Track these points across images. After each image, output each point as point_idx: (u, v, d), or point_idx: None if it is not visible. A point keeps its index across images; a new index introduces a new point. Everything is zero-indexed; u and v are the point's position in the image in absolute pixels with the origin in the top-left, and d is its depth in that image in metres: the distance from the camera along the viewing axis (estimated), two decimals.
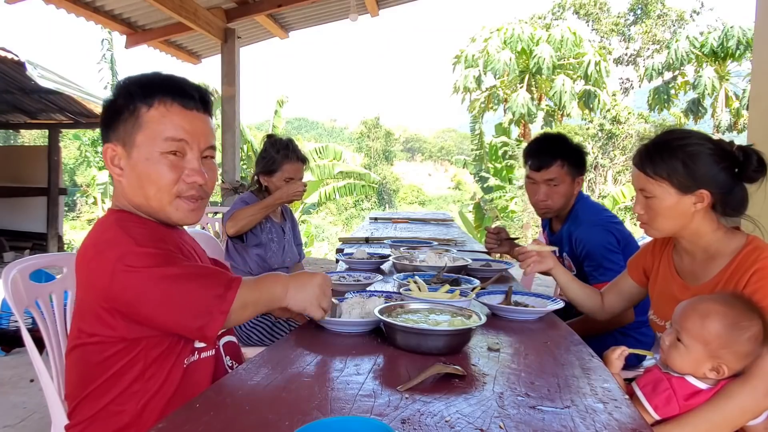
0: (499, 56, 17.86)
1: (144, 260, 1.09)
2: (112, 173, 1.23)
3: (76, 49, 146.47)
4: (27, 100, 7.75)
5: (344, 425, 0.78)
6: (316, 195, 12.43)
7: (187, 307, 1.09)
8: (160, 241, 1.15)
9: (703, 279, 1.42)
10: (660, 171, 1.39)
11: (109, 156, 1.21)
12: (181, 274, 1.11)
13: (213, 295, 1.10)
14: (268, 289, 1.22)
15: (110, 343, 1.14)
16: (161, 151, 1.18)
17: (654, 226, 1.44)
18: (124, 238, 1.12)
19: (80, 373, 1.19)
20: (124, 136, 1.19)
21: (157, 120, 1.18)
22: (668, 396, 1.21)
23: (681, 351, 1.23)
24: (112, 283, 1.09)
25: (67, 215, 20.39)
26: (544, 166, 2.19)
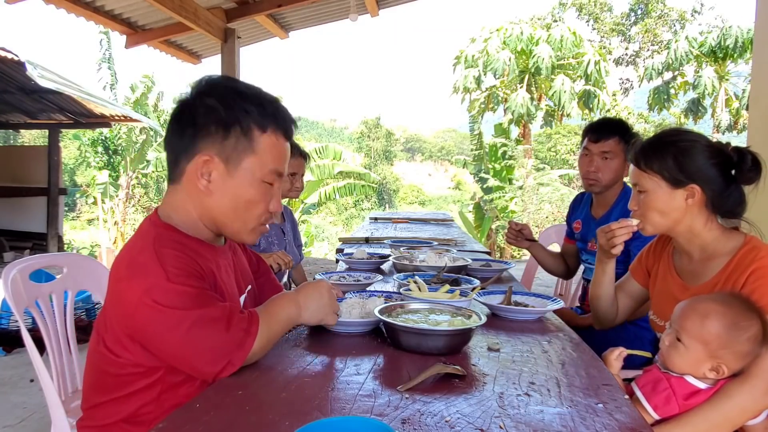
0: (499, 56, 17.87)
1: (171, 299, 1.06)
2: (195, 181, 1.16)
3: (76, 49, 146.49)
4: (27, 100, 7.75)
5: (344, 425, 0.78)
6: (316, 195, 12.44)
7: (205, 353, 1.07)
8: (192, 277, 1.11)
9: (702, 279, 1.42)
10: (651, 164, 1.41)
11: (201, 165, 1.15)
12: (205, 319, 1.07)
13: (233, 343, 1.09)
14: (283, 315, 1.21)
15: (128, 365, 1.13)
16: (263, 180, 1.19)
17: (647, 221, 1.46)
18: (156, 269, 1.07)
19: (96, 377, 1.19)
20: (230, 153, 1.15)
21: (268, 149, 1.18)
22: (668, 396, 1.21)
23: (680, 351, 1.23)
24: (135, 314, 1.07)
25: (67, 215, 20.40)
26: (603, 138, 2.25)
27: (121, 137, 12.75)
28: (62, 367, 1.69)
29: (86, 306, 4.12)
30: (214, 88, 1.19)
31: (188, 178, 1.18)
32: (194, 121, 1.16)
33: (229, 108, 1.15)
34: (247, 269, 1.44)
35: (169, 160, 1.22)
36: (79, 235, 18.60)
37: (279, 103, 1.23)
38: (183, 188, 1.19)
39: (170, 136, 1.20)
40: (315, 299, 1.26)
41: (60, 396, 1.59)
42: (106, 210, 12.01)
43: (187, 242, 1.18)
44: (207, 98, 1.17)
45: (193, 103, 1.18)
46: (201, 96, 1.18)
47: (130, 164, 12.47)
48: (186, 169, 1.17)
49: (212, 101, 1.16)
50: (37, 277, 1.67)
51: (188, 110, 1.18)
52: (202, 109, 1.16)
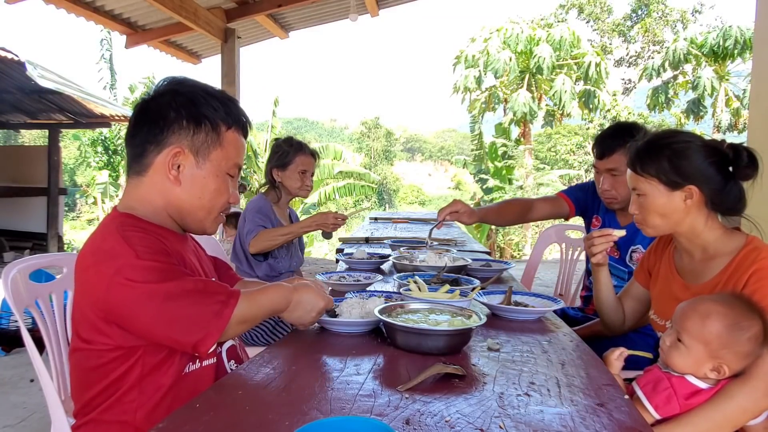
0: (499, 56, 17.86)
1: (142, 274, 1.08)
2: (164, 173, 1.22)
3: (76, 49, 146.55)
4: (27, 100, 7.75)
5: (344, 425, 0.78)
6: (316, 195, 12.43)
7: (182, 323, 1.09)
8: (161, 254, 1.14)
9: (703, 279, 1.43)
10: (648, 168, 1.41)
11: (171, 157, 1.21)
12: (179, 290, 1.10)
13: (210, 312, 1.10)
14: (268, 302, 1.24)
15: (106, 351, 1.14)
16: (226, 172, 1.27)
17: (648, 224, 1.46)
18: (124, 249, 1.10)
19: (79, 378, 1.20)
20: (200, 147, 1.23)
21: (232, 143, 1.27)
22: (668, 395, 1.21)
23: (681, 351, 1.23)
24: (109, 295, 1.09)
25: (67, 215, 20.41)
26: (606, 154, 2.12)
27: (121, 137, 12.75)
28: (62, 367, 1.69)
29: None
30: (183, 86, 1.26)
31: (156, 169, 1.23)
32: (164, 116, 1.22)
33: (199, 104, 1.23)
34: (207, 261, 1.44)
35: (134, 154, 1.26)
36: (79, 235, 18.59)
37: (238, 103, 1.32)
38: (149, 180, 1.24)
39: (136, 130, 1.25)
40: (304, 308, 1.30)
41: (60, 396, 1.59)
42: (106, 210, 12.00)
43: (150, 228, 1.21)
44: (177, 95, 1.24)
45: (161, 99, 1.24)
46: (171, 93, 1.24)
47: None
48: (154, 161, 1.22)
49: (182, 98, 1.23)
50: (37, 277, 1.67)
51: (157, 106, 1.24)
52: (173, 104, 1.23)
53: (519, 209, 2.48)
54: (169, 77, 1.29)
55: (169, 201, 1.24)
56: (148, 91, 1.30)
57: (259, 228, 2.50)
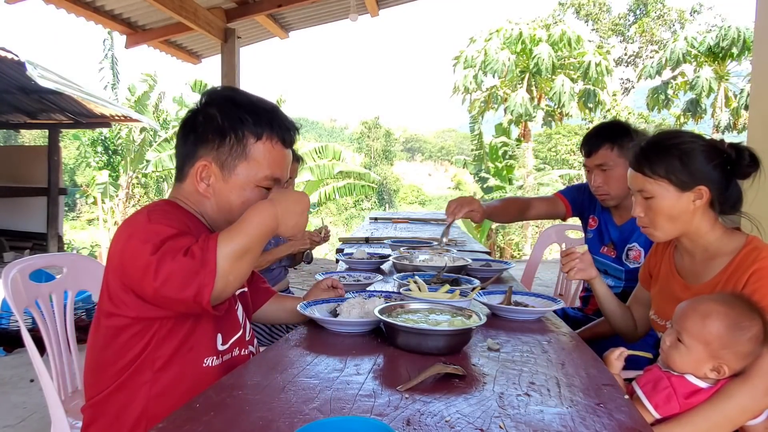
0: (499, 56, 17.87)
1: (148, 235, 1.09)
2: (196, 186, 1.25)
3: (76, 49, 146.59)
4: (27, 100, 7.75)
5: (344, 425, 0.78)
6: (316, 195, 12.43)
7: (174, 279, 1.06)
8: (175, 221, 1.15)
9: (704, 278, 1.43)
10: (658, 169, 1.39)
11: (200, 170, 1.24)
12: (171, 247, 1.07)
13: (196, 263, 1.05)
14: (253, 226, 1.12)
15: (125, 327, 1.15)
16: (259, 184, 1.25)
17: (657, 228, 1.43)
18: (142, 217, 1.15)
19: (96, 359, 1.21)
20: (225, 160, 1.23)
21: (262, 155, 1.24)
22: (668, 394, 1.21)
23: (681, 351, 1.23)
24: (122, 258, 1.12)
25: (67, 215, 20.40)
26: (593, 150, 2.16)
27: (121, 137, 12.76)
28: (62, 367, 1.69)
29: (86, 306, 4.12)
30: (215, 99, 1.28)
31: (190, 180, 1.27)
32: (195, 129, 1.25)
33: (225, 116, 1.24)
34: None
35: (176, 163, 1.32)
36: (79, 235, 18.60)
37: (277, 111, 1.29)
38: (186, 188, 1.29)
39: (178, 141, 1.30)
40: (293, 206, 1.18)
41: (60, 396, 1.59)
42: (106, 210, 12.01)
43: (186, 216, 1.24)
44: (208, 108, 1.26)
45: (196, 113, 1.28)
46: (204, 106, 1.27)
47: (130, 164, 12.47)
48: (188, 172, 1.27)
49: (212, 110, 1.25)
50: (37, 277, 1.67)
51: (192, 119, 1.27)
52: (202, 118, 1.26)
53: (519, 207, 2.50)
54: (210, 88, 1.32)
55: (204, 212, 1.28)
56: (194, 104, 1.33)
57: None
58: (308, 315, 1.47)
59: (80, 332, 1.90)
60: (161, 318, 1.15)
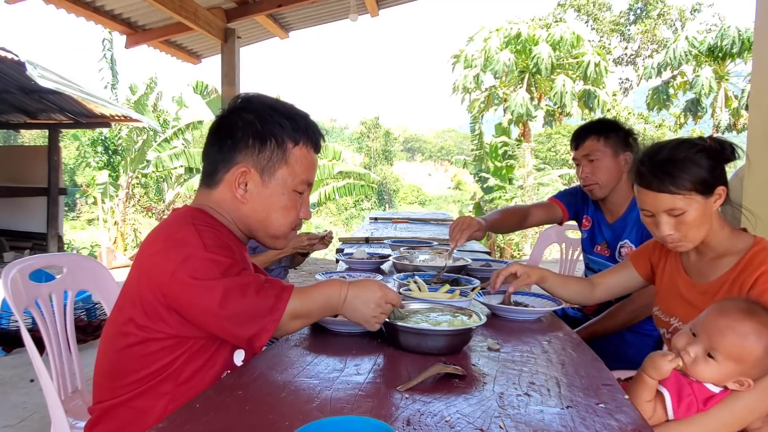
0: (499, 56, 17.85)
1: (207, 266, 1.11)
2: (234, 191, 1.25)
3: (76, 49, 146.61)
4: (27, 100, 7.75)
5: (344, 425, 0.78)
6: (316, 195, 12.43)
7: (239, 317, 1.11)
8: (226, 249, 1.16)
9: (710, 277, 1.42)
10: (683, 183, 1.34)
11: (239, 176, 1.24)
12: (238, 284, 1.12)
13: (265, 306, 1.12)
14: (322, 296, 1.21)
15: (158, 339, 1.15)
16: (294, 189, 1.28)
17: (689, 240, 1.39)
18: (195, 240, 1.13)
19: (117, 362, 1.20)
20: (265, 165, 1.25)
21: (299, 160, 1.27)
22: (690, 402, 1.20)
23: (712, 366, 1.19)
24: (172, 282, 1.11)
25: (67, 215, 20.38)
26: (580, 142, 2.23)
27: (121, 137, 12.74)
28: (62, 367, 1.69)
29: (86, 306, 4.12)
30: (251, 104, 1.28)
31: (225, 186, 1.27)
32: (233, 135, 1.25)
33: (264, 122, 1.25)
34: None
35: (207, 170, 1.30)
36: (79, 235, 18.59)
37: (309, 118, 1.32)
38: (219, 194, 1.28)
39: (209, 147, 1.29)
40: (361, 300, 1.23)
41: (60, 396, 1.59)
42: (106, 210, 12.00)
43: (219, 226, 1.25)
44: (245, 113, 1.26)
45: (231, 118, 1.27)
46: (239, 111, 1.27)
47: (130, 164, 12.46)
48: (224, 178, 1.26)
49: (250, 116, 1.25)
50: (37, 277, 1.67)
51: (227, 124, 1.27)
52: (240, 123, 1.25)
53: (518, 217, 2.50)
54: (243, 94, 1.33)
55: (238, 217, 1.28)
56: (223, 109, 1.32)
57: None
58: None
59: (80, 332, 1.90)
60: (196, 337, 1.16)
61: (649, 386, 1.20)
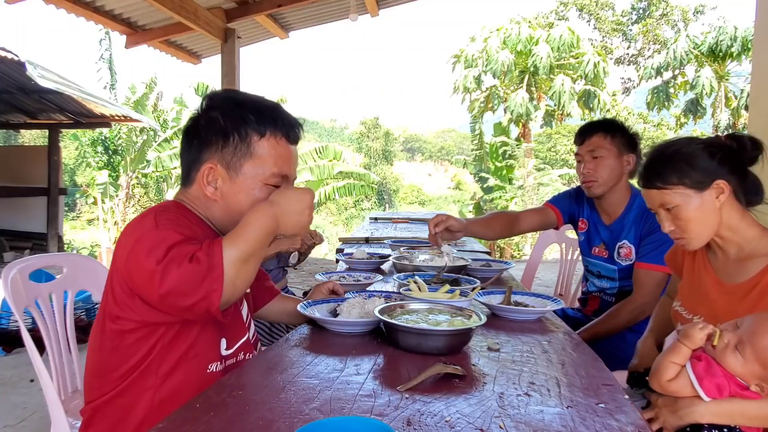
0: (499, 56, 17.85)
1: (155, 242, 1.08)
2: (204, 189, 1.24)
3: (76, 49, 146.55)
4: (27, 100, 7.75)
5: (344, 425, 0.78)
6: (316, 195, 12.44)
7: (180, 287, 1.05)
8: (182, 227, 1.14)
9: (738, 278, 1.40)
10: (670, 178, 1.38)
11: (206, 174, 1.22)
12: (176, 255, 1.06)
13: (202, 270, 1.04)
14: (254, 229, 1.11)
15: (130, 330, 1.14)
16: (265, 182, 1.23)
17: (690, 235, 1.40)
18: (149, 222, 1.13)
19: (100, 361, 1.20)
20: (231, 160, 1.22)
21: (267, 152, 1.23)
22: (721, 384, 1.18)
23: (738, 359, 1.18)
24: (128, 264, 1.11)
25: (67, 215, 20.39)
26: (586, 137, 2.21)
27: (121, 137, 12.75)
28: (62, 367, 1.69)
29: (86, 306, 4.12)
30: (215, 101, 1.27)
31: (197, 185, 1.26)
32: (198, 133, 1.25)
33: (227, 117, 1.23)
34: None
35: (182, 171, 1.30)
36: (79, 235, 18.60)
37: (279, 108, 1.28)
38: (193, 193, 1.27)
39: (182, 149, 1.29)
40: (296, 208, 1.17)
41: (60, 396, 1.59)
42: (106, 210, 12.01)
43: (192, 218, 1.23)
44: (210, 111, 1.26)
45: (198, 117, 1.27)
46: (206, 110, 1.27)
47: (130, 164, 12.46)
48: (195, 177, 1.26)
49: (214, 113, 1.24)
50: (37, 277, 1.67)
51: (194, 123, 1.27)
52: (204, 121, 1.25)
53: (505, 222, 2.46)
54: (210, 92, 1.31)
55: (213, 215, 1.27)
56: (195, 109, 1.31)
57: None
58: (308, 315, 1.47)
59: (80, 332, 1.90)
60: (167, 323, 1.15)
61: (682, 352, 1.19)
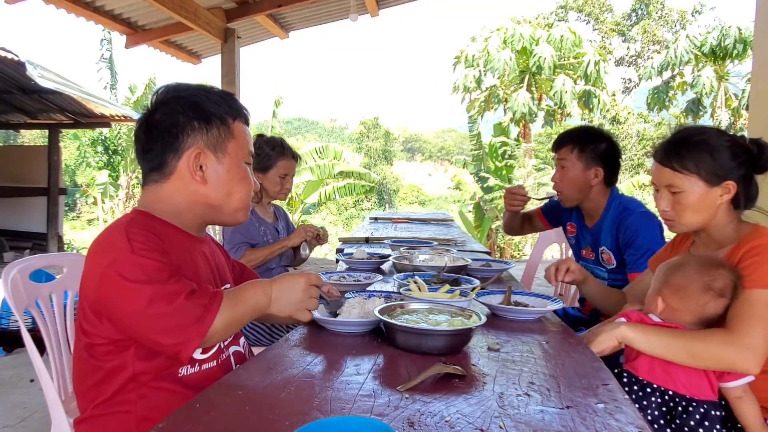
0: (499, 56, 17.85)
1: (133, 270, 1.08)
2: (190, 175, 1.24)
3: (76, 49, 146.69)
4: (27, 100, 7.75)
5: (344, 425, 0.78)
6: (316, 195, 12.43)
7: (163, 325, 1.08)
8: (158, 252, 1.13)
9: None
10: (688, 165, 1.40)
11: (193, 159, 1.23)
12: (164, 291, 1.08)
13: (192, 317, 1.09)
14: (250, 301, 1.21)
15: (100, 345, 1.15)
16: (245, 161, 1.31)
17: (682, 221, 1.45)
18: (122, 243, 1.11)
19: (79, 369, 1.22)
20: (216, 143, 1.26)
21: (241, 133, 1.31)
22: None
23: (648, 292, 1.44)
24: (99, 286, 1.10)
25: (67, 215, 20.39)
26: (557, 148, 2.29)
27: (121, 137, 12.76)
28: (62, 367, 1.69)
29: None
30: (182, 91, 1.28)
31: (179, 175, 1.25)
32: (175, 122, 1.24)
33: (204, 103, 1.26)
34: (224, 266, 1.44)
35: (152, 167, 1.26)
36: (79, 235, 18.58)
37: (234, 95, 1.36)
38: (171, 185, 1.26)
39: (150, 144, 1.26)
40: (286, 293, 1.25)
41: (60, 396, 1.59)
42: (106, 210, 12.01)
43: (160, 227, 1.22)
44: (180, 100, 1.26)
45: (166, 108, 1.25)
46: (173, 100, 1.26)
47: (130, 164, 12.47)
48: (177, 166, 1.25)
49: (186, 101, 1.25)
50: (37, 277, 1.67)
51: (164, 115, 1.25)
52: (180, 109, 1.24)
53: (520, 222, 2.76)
54: (162, 87, 1.32)
55: (196, 201, 1.26)
56: (147, 106, 1.30)
57: (240, 246, 2.53)
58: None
59: None
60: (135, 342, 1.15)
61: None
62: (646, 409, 1.31)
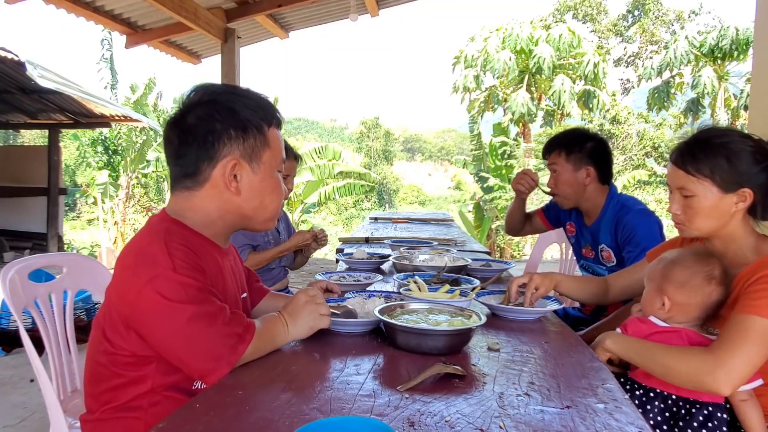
0: (499, 56, 17.85)
1: (174, 289, 1.08)
2: (224, 185, 1.21)
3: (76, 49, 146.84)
4: (27, 100, 7.75)
5: (344, 425, 0.78)
6: (316, 195, 12.42)
7: (197, 349, 1.09)
8: (197, 272, 1.13)
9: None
10: (702, 169, 1.33)
11: (230, 169, 1.20)
12: (203, 314, 1.09)
13: (227, 345, 1.10)
14: (274, 334, 1.23)
15: (122, 356, 1.15)
16: (277, 169, 1.29)
17: (693, 226, 1.38)
18: (163, 259, 1.10)
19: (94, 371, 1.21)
20: (252, 153, 1.23)
21: (275, 140, 1.28)
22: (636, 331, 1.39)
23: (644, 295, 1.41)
24: (137, 300, 1.09)
25: (67, 215, 20.38)
26: (547, 153, 2.35)
27: (121, 137, 12.74)
28: (61, 368, 1.69)
29: (86, 306, 4.12)
30: (218, 94, 1.23)
31: (213, 183, 1.22)
32: (212, 130, 1.19)
33: (240, 110, 1.21)
34: (242, 275, 1.45)
35: (185, 172, 1.23)
36: (79, 235, 18.58)
37: (269, 99, 1.32)
38: (204, 193, 1.23)
39: (183, 149, 1.21)
40: (296, 316, 1.27)
41: (59, 396, 1.59)
42: (106, 210, 12.00)
43: (195, 239, 1.21)
44: (216, 105, 1.21)
45: (201, 112, 1.21)
46: (208, 104, 1.21)
47: (130, 164, 12.46)
48: (211, 175, 1.21)
49: (223, 107, 1.21)
50: (36, 277, 1.67)
51: (198, 120, 1.20)
52: (217, 116, 1.20)
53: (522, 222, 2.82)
54: (197, 87, 1.26)
55: (229, 210, 1.24)
56: (179, 106, 1.24)
57: (244, 248, 2.57)
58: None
59: (80, 332, 1.90)
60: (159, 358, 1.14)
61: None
62: (648, 414, 1.29)
